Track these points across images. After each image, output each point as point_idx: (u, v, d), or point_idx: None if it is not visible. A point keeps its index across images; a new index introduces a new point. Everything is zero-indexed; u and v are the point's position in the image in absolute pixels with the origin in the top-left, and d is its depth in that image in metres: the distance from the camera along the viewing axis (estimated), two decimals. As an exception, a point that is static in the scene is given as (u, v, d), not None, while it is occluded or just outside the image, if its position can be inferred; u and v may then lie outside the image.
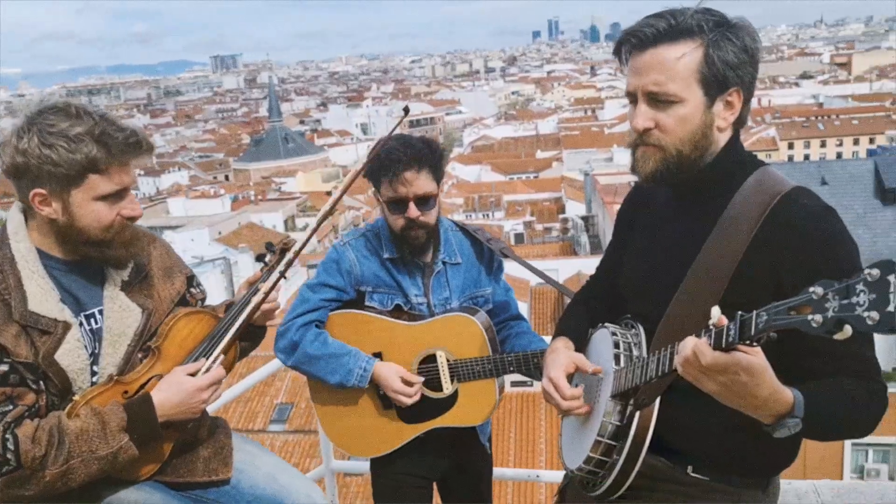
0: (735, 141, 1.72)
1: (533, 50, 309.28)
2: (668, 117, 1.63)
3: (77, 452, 1.75)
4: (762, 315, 1.27)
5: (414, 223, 2.43)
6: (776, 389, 1.39)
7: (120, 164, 1.79)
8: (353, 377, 2.48)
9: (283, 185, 65.88)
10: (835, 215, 1.60)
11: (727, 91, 1.63)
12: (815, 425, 1.44)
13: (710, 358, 1.35)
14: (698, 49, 1.59)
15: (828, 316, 1.15)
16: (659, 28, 1.60)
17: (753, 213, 1.61)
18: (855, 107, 65.71)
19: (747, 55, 1.62)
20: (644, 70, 1.64)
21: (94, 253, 1.87)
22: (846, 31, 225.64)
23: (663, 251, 1.77)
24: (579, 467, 1.78)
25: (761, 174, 1.68)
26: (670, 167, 1.67)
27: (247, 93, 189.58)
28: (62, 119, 1.74)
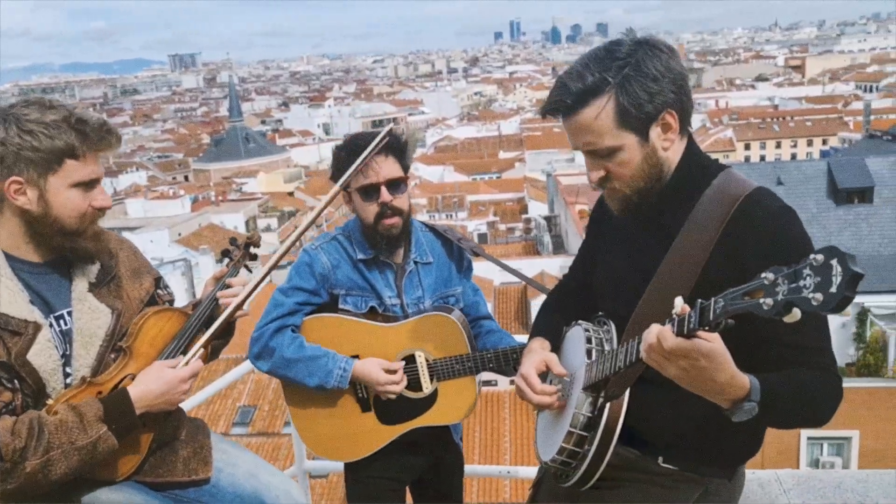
0: (690, 149, 1.80)
1: (495, 51, 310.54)
2: (614, 165, 1.74)
3: (57, 444, 1.76)
4: (719, 301, 1.35)
5: (387, 208, 2.46)
6: (734, 375, 1.46)
7: (94, 151, 1.85)
8: (332, 378, 2.47)
9: (244, 185, 65.14)
10: (794, 215, 1.69)
11: (656, 119, 1.71)
12: (771, 411, 1.51)
13: (672, 343, 1.42)
14: (609, 101, 1.67)
15: (778, 299, 1.23)
16: (567, 100, 1.70)
17: (717, 216, 1.69)
18: (809, 108, 67.28)
19: (661, 78, 1.68)
20: (574, 134, 1.75)
21: (66, 244, 1.89)
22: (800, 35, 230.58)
23: (632, 253, 1.86)
24: (553, 458, 1.84)
25: (724, 177, 1.76)
26: (634, 201, 1.78)
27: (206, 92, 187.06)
28: (36, 110, 1.80)
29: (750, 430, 1.66)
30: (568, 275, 2.21)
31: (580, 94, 1.68)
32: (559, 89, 1.73)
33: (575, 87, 1.69)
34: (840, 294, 1.16)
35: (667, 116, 1.71)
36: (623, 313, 1.81)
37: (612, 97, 1.67)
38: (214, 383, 3.34)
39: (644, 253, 1.81)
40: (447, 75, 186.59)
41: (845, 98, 73.32)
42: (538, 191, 45.03)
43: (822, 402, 1.62)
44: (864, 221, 21.01)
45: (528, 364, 1.95)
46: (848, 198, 21.60)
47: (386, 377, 2.48)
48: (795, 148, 58.71)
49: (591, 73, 1.68)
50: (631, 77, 1.66)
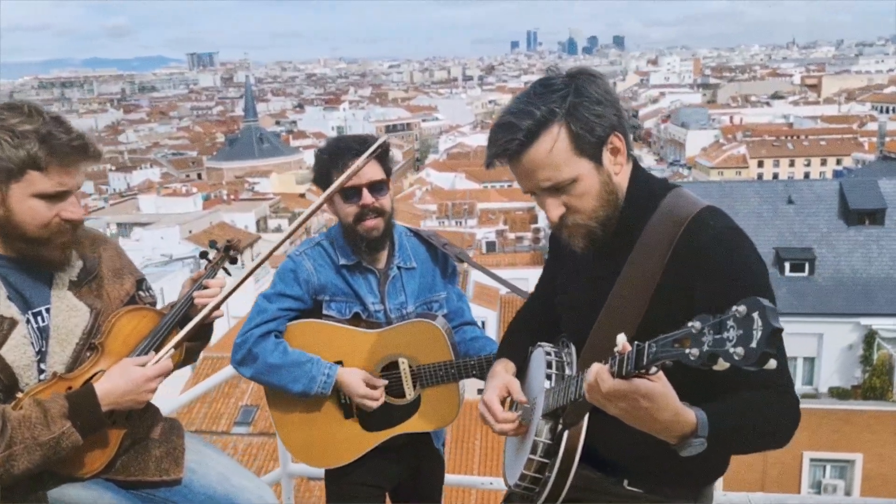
0: (636, 173, 1.78)
1: (511, 60, 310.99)
2: (573, 198, 1.69)
3: (19, 439, 1.76)
4: (652, 346, 1.33)
5: (368, 210, 2.47)
6: (678, 412, 1.44)
7: (61, 165, 1.80)
8: (316, 384, 2.47)
9: (256, 185, 65.43)
10: (742, 236, 1.65)
11: (606, 143, 1.69)
12: (721, 442, 1.49)
13: (609, 385, 1.40)
14: (561, 130, 1.64)
15: (703, 350, 1.22)
16: (518, 138, 1.64)
17: (665, 239, 1.66)
18: (824, 128, 66.96)
19: (603, 101, 1.66)
20: (529, 173, 1.69)
21: (27, 251, 1.88)
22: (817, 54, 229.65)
23: (586, 281, 1.84)
24: (516, 483, 1.84)
25: (672, 198, 1.73)
26: (598, 234, 1.73)
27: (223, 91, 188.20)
28: (13, 115, 1.78)
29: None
30: (534, 294, 2.19)
31: (530, 130, 1.64)
32: (505, 129, 1.66)
33: (523, 123, 1.64)
34: (759, 350, 1.15)
35: (614, 139, 1.69)
36: (581, 337, 1.80)
37: (562, 126, 1.64)
38: (205, 381, 3.34)
39: (597, 281, 1.78)
40: (462, 82, 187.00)
41: (861, 118, 72.88)
42: (549, 201, 44.92)
43: (777, 425, 1.59)
44: (875, 243, 20.85)
45: (490, 390, 1.93)
46: (859, 219, 21.45)
47: (364, 390, 2.48)
48: (809, 167, 58.44)
49: (535, 108, 1.65)
50: (576, 104, 1.64)
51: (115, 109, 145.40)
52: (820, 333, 19.37)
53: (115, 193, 68.30)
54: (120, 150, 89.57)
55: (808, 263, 20.32)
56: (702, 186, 26.24)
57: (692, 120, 72.98)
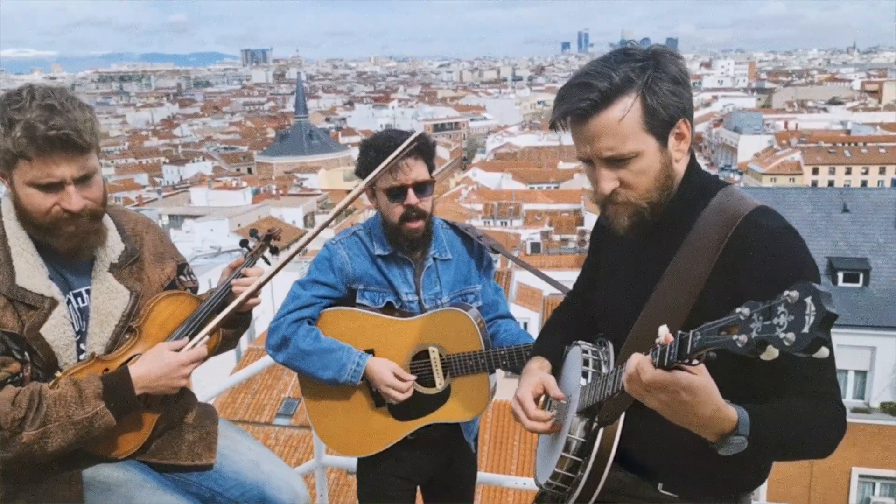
0: (692, 165, 1.73)
1: (561, 61, 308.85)
2: (630, 174, 1.63)
3: (54, 417, 1.79)
4: (697, 334, 1.29)
5: (413, 210, 2.47)
6: (719, 408, 1.39)
7: (41, 156, 1.77)
8: (346, 372, 2.48)
9: (304, 181, 66.27)
10: (795, 235, 1.60)
11: (675, 125, 1.63)
12: (762, 445, 1.44)
13: (650, 375, 1.36)
14: (636, 101, 1.59)
15: (752, 336, 1.18)
16: (592, 98, 1.58)
17: (715, 237, 1.62)
18: (883, 135, 65.00)
19: (680, 83, 1.62)
20: (593, 139, 1.62)
21: (38, 237, 1.90)
22: (879, 59, 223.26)
23: (629, 274, 1.79)
24: (547, 482, 1.80)
25: (724, 196, 1.68)
26: (645, 217, 1.67)
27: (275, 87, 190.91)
28: (14, 102, 1.78)
29: (752, 459, 1.59)
30: (572, 293, 2.15)
31: (605, 92, 1.57)
32: (579, 88, 1.59)
33: (600, 84, 1.57)
34: (812, 335, 1.11)
35: (682, 124, 1.64)
36: (620, 335, 1.76)
37: (638, 97, 1.58)
38: (244, 370, 3.38)
39: (641, 275, 1.74)
40: (512, 83, 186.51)
41: (923, 126, 70.60)
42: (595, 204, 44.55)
43: (820, 435, 1.54)
44: (934, 255, 20.19)
45: (524, 387, 1.89)
46: (918, 230, 20.78)
47: (392, 380, 2.49)
48: (866, 175, 56.83)
49: (614, 72, 1.58)
50: (656, 78, 1.59)
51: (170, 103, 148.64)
52: (873, 346, 18.83)
53: (168, 186, 69.85)
54: (174, 143, 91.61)
55: (863, 274, 19.77)
56: (753, 192, 25.71)
57: (745, 124, 71.61)
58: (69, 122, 1.77)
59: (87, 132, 1.81)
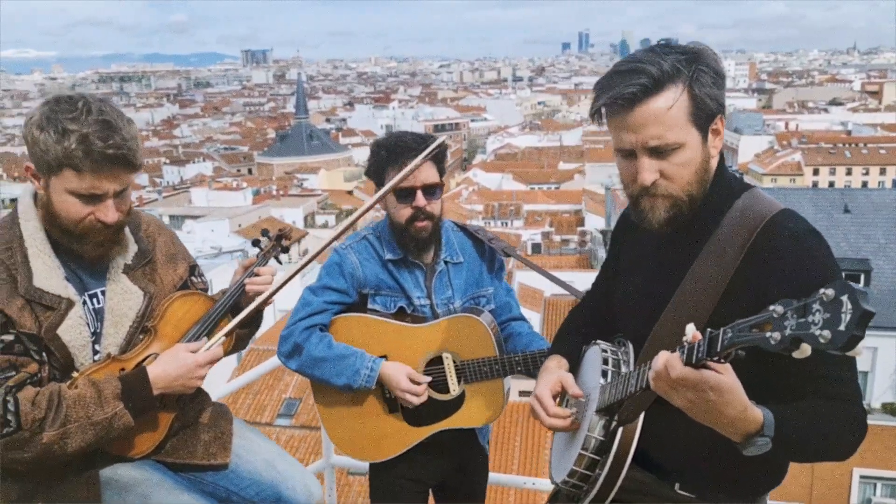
0: (721, 165, 1.73)
1: (562, 61, 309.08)
2: (672, 165, 1.63)
3: (74, 417, 1.81)
4: (727, 332, 1.30)
5: (421, 212, 2.46)
6: (745, 408, 1.41)
7: (93, 170, 1.81)
8: (360, 378, 2.47)
9: (305, 181, 66.22)
10: (818, 237, 1.61)
11: (713, 121, 1.65)
12: (785, 446, 1.46)
13: (679, 372, 1.37)
14: (684, 92, 1.59)
15: (785, 334, 1.19)
16: (642, 83, 1.57)
17: (740, 238, 1.63)
18: (884, 136, 64.94)
19: (720, 79, 1.63)
20: (639, 127, 1.60)
21: (64, 241, 1.92)
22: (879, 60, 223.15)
23: (652, 273, 1.80)
24: (564, 480, 1.81)
25: (748, 197, 1.69)
26: (682, 211, 1.66)
27: (275, 88, 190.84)
28: (67, 110, 1.80)
29: (773, 460, 1.61)
30: (590, 292, 2.16)
31: (657, 78, 1.56)
32: (629, 74, 1.58)
33: (651, 70, 1.56)
34: (848, 333, 1.11)
35: (718, 121, 1.65)
36: (642, 335, 1.76)
37: (686, 88, 1.58)
38: (251, 371, 3.40)
39: (662, 275, 1.75)
40: (512, 83, 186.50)
41: (924, 127, 70.57)
42: (596, 204, 44.62)
43: (842, 437, 1.55)
44: (936, 256, 20.22)
45: (542, 384, 1.89)
46: (919, 230, 20.81)
47: (407, 385, 2.47)
48: (867, 176, 56.78)
49: (663, 60, 1.57)
50: (701, 71, 1.59)
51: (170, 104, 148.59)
52: (874, 347, 18.85)
53: (168, 186, 69.82)
54: (174, 144, 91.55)
55: (864, 275, 19.79)
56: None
57: (746, 125, 71.54)
58: (125, 140, 1.82)
59: (139, 150, 1.86)
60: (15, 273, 1.86)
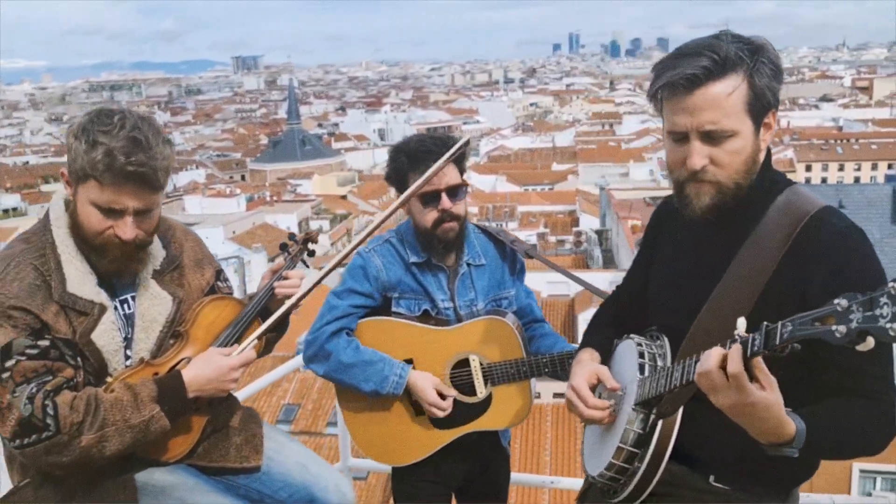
0: (768, 160, 1.75)
1: (553, 62, 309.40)
2: (723, 152, 1.65)
3: (111, 420, 1.83)
4: (787, 325, 1.32)
5: (447, 214, 2.47)
6: (781, 423, 1.44)
7: (114, 185, 1.83)
8: (388, 384, 2.47)
9: (298, 187, 66.12)
10: (862, 235, 1.64)
11: (767, 114, 1.67)
12: (815, 451, 1.50)
13: (738, 367, 1.39)
14: (744, 80, 1.61)
15: (851, 327, 1.21)
16: (705, 66, 1.59)
17: (783, 233, 1.65)
18: (874, 131, 65.33)
19: (779, 72, 1.65)
20: (697, 110, 1.62)
21: (86, 251, 1.93)
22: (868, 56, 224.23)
23: (692, 266, 1.81)
24: (601, 473, 1.82)
25: (791, 194, 1.72)
26: (727, 199, 1.68)
27: (266, 94, 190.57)
28: (102, 123, 1.83)
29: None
30: (621, 286, 2.17)
31: (721, 64, 1.59)
32: (692, 56, 1.60)
33: (716, 55, 1.59)
34: None
35: (771, 115, 1.67)
36: (679, 328, 1.77)
37: (746, 77, 1.61)
38: (262, 378, 3.40)
39: (703, 269, 1.76)
40: (504, 85, 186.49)
41: (914, 122, 70.99)
42: (590, 204, 44.73)
43: (871, 436, 1.58)
44: (930, 249, 20.32)
45: (578, 376, 1.90)
46: (912, 224, 20.93)
47: (434, 398, 2.48)
48: (859, 171, 57.04)
49: (727, 46, 1.60)
50: (762, 63, 1.62)
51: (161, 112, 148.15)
52: (871, 342, 18.91)
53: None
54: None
55: (860, 270, 19.87)
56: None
57: (737, 123, 71.65)
58: (150, 159, 1.82)
59: (164, 171, 1.87)
60: (49, 279, 1.88)
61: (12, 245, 1.94)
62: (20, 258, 1.89)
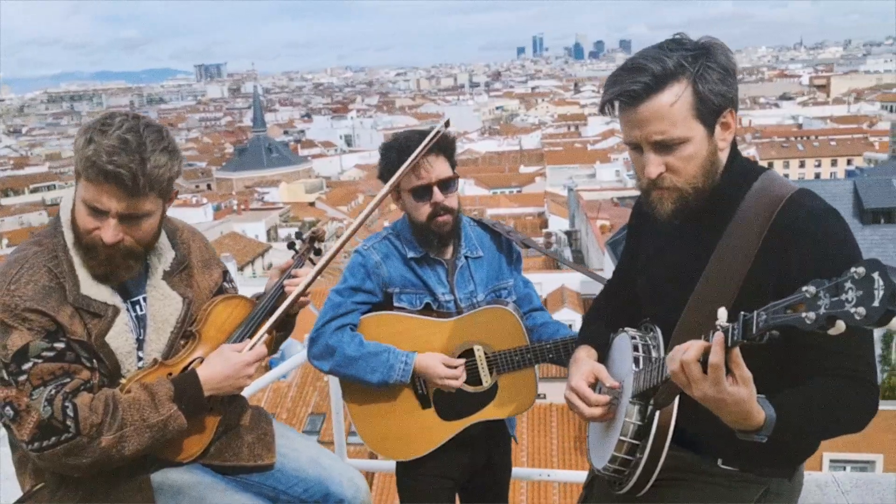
0: (734, 153, 1.80)
1: (517, 66, 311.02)
2: (677, 159, 1.68)
3: (130, 421, 1.84)
4: (762, 314, 1.36)
5: (440, 207, 2.50)
6: (751, 414, 1.50)
7: (95, 182, 1.81)
8: (395, 372, 2.49)
9: (265, 194, 65.63)
10: (837, 215, 1.69)
11: (721, 115, 1.70)
12: (788, 435, 1.56)
13: (719, 357, 1.44)
14: (687, 88, 1.64)
15: (820, 313, 1.24)
16: (645, 81, 1.63)
17: (760, 218, 1.69)
18: (833, 128, 66.83)
19: (729, 74, 1.68)
20: (643, 122, 1.67)
21: (83, 252, 1.92)
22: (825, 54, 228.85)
23: (676, 257, 1.85)
24: (605, 466, 1.85)
25: (765, 180, 1.76)
26: (688, 202, 1.73)
27: (231, 102, 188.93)
28: (104, 124, 1.83)
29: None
30: (612, 281, 2.21)
31: (660, 77, 1.63)
32: (633, 71, 1.65)
33: (655, 69, 1.63)
34: (882, 308, 1.17)
35: (728, 115, 1.71)
36: (668, 319, 1.81)
37: (689, 84, 1.64)
38: (267, 375, 3.39)
39: (687, 259, 1.80)
40: (469, 89, 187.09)
41: (870, 118, 72.75)
42: (559, 206, 45.02)
43: (847, 416, 1.62)
44: (891, 242, 20.82)
45: (577, 376, 1.92)
46: (874, 218, 21.41)
47: (446, 371, 2.50)
48: (819, 168, 58.30)
49: (667, 57, 1.64)
50: (707, 67, 1.64)
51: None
52: (838, 333, 19.27)
53: (125, 205, 68.47)
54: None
55: (825, 263, 20.23)
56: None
57: (700, 122, 72.64)
58: (133, 162, 1.80)
59: (150, 178, 1.82)
60: (63, 281, 1.88)
61: (24, 248, 1.93)
62: (34, 261, 1.88)
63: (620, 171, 51.50)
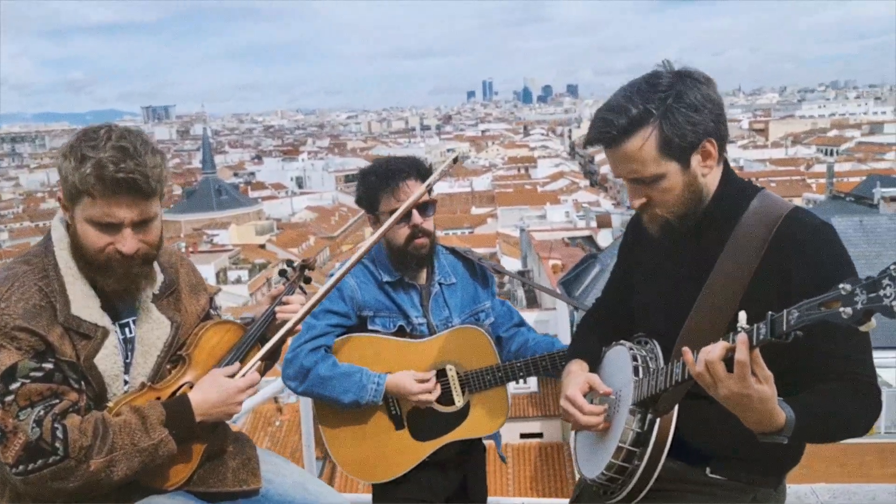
0: (727, 173, 1.91)
1: (468, 109, 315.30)
2: (655, 192, 1.83)
3: (120, 444, 1.80)
4: (793, 312, 1.46)
5: (419, 230, 2.58)
6: (774, 414, 1.58)
7: (105, 196, 1.80)
8: (367, 393, 2.54)
9: (215, 237, 64.79)
10: (832, 230, 1.81)
11: (697, 147, 1.80)
12: (802, 438, 1.67)
13: (744, 355, 1.51)
14: (653, 132, 1.76)
15: (857, 308, 1.35)
16: (612, 133, 1.78)
17: (760, 234, 1.80)
18: (773, 170, 69.10)
19: (701, 108, 1.77)
20: (618, 163, 1.83)
21: (88, 273, 1.90)
22: (763, 100, 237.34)
23: (675, 271, 1.94)
24: (600, 474, 1.90)
25: (762, 198, 1.88)
26: (674, 226, 1.87)
27: (179, 144, 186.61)
28: (89, 139, 1.81)
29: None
30: (601, 298, 2.28)
31: (625, 127, 1.76)
32: (604, 123, 1.80)
33: (619, 120, 1.76)
34: None
35: (707, 145, 1.81)
36: (667, 332, 1.89)
37: (655, 128, 1.75)
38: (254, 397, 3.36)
39: (687, 275, 1.89)
40: (420, 132, 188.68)
41: (807, 160, 75.55)
42: (510, 246, 45.46)
43: (857, 418, 1.72)
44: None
45: (571, 387, 1.98)
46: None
47: (419, 386, 2.55)
48: (761, 208, 59.95)
49: (634, 106, 1.76)
50: (673, 108, 1.75)
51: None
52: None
53: (70, 248, 66.78)
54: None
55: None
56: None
57: (646, 165, 74.40)
58: (139, 165, 1.80)
59: (155, 178, 1.84)
60: (53, 301, 1.85)
61: (13, 266, 1.90)
62: (24, 279, 1.85)
63: (570, 213, 52.30)
